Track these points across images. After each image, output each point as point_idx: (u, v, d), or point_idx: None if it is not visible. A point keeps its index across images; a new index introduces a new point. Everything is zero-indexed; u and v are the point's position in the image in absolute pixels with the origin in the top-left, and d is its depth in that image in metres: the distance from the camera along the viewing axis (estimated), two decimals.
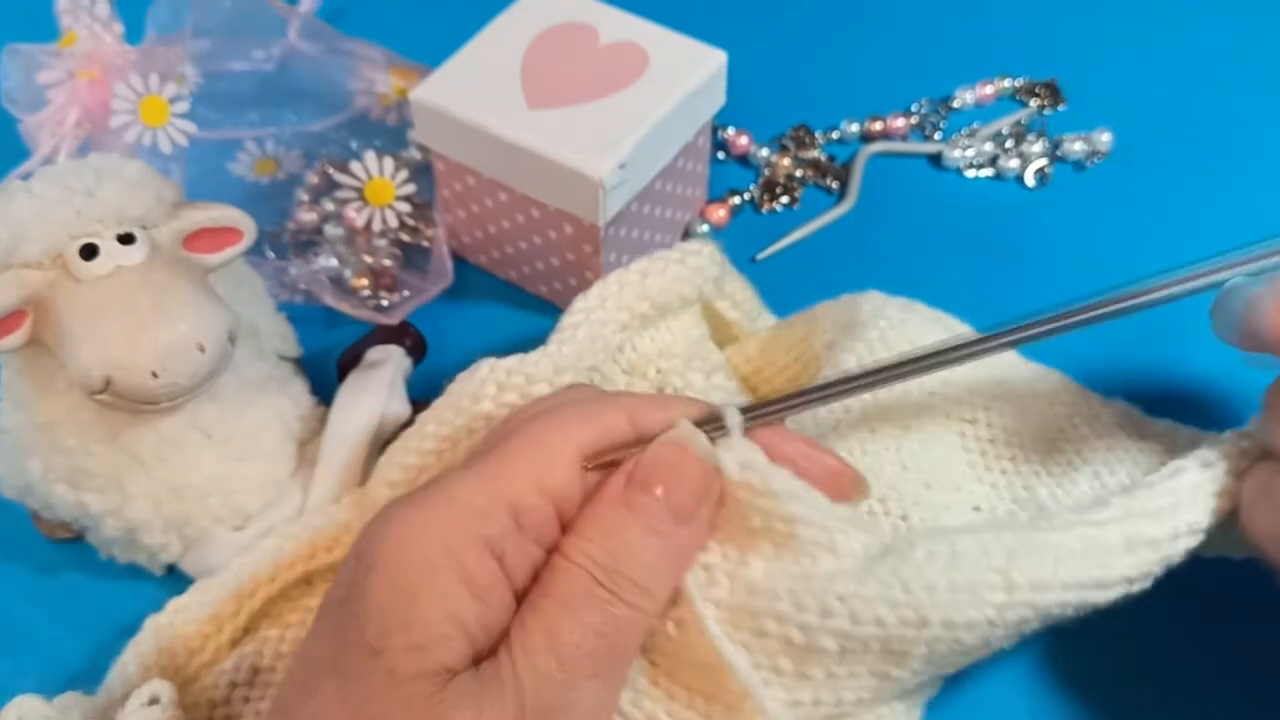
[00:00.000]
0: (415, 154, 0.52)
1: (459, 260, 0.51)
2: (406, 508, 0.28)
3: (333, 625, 0.27)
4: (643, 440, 0.30)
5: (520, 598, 0.28)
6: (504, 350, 0.38)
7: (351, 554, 0.28)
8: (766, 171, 0.55)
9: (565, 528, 0.29)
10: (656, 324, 0.40)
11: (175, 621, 0.37)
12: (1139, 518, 0.31)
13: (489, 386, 0.36)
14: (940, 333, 0.39)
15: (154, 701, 0.33)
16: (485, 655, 0.27)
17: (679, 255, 0.40)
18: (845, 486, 0.32)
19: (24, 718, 0.33)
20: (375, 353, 0.45)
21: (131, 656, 0.36)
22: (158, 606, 0.38)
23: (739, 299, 0.43)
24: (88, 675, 0.37)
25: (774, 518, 0.30)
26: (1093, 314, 0.31)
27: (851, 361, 0.37)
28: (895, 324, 0.39)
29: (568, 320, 0.38)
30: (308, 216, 0.51)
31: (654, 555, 0.29)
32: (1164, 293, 0.31)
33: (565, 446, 0.29)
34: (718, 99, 0.48)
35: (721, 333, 0.43)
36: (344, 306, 0.48)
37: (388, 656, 0.26)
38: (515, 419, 0.32)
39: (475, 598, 0.27)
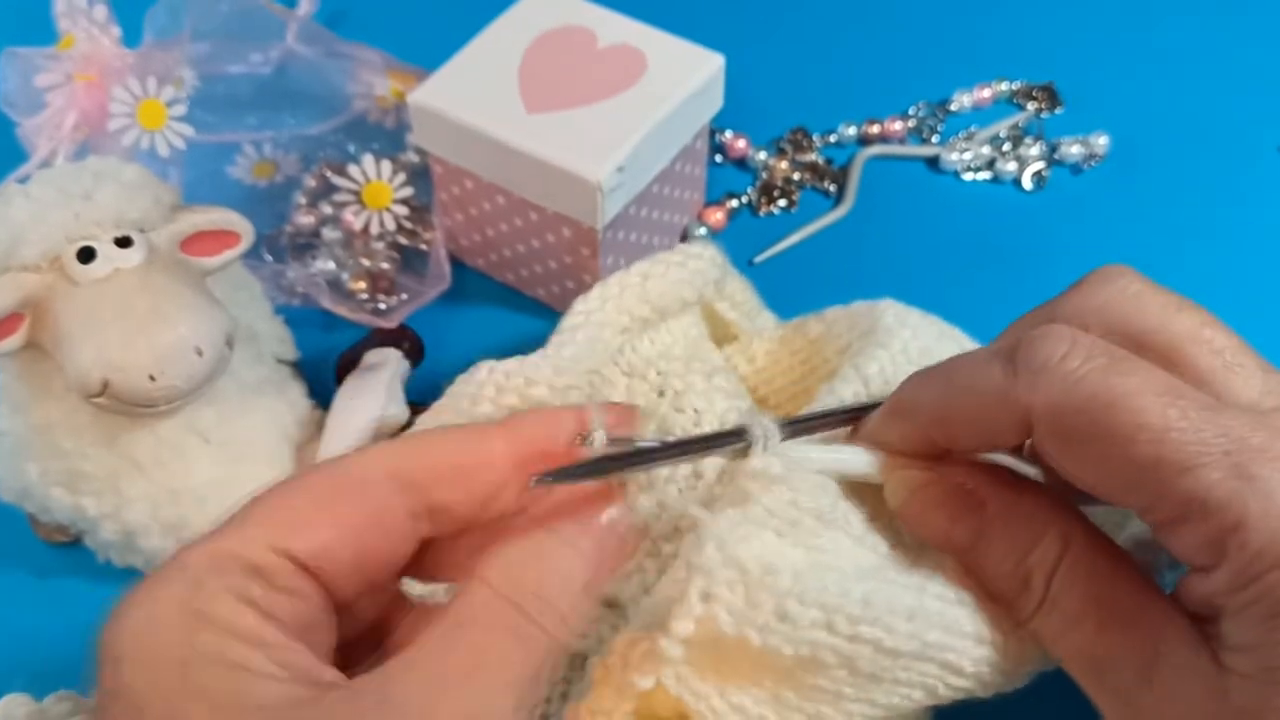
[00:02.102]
0: (413, 157, 0.53)
1: (457, 263, 0.51)
2: (135, 590, 0.26)
3: None
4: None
5: (297, 632, 0.26)
6: (502, 353, 0.38)
7: (98, 658, 0.26)
8: (764, 174, 0.55)
9: (333, 583, 0.27)
10: (656, 326, 0.40)
11: None
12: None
13: (488, 389, 0.36)
14: (952, 348, 0.39)
15: None
16: (312, 682, 0.25)
17: (680, 258, 0.40)
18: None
19: (11, 715, 0.33)
20: (373, 355, 0.45)
21: None
22: None
23: (739, 299, 0.43)
24: (85, 678, 0.37)
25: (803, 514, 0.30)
26: None
27: (874, 369, 0.37)
28: (919, 334, 0.39)
29: (567, 323, 0.38)
30: (305, 219, 0.51)
31: (578, 582, 0.27)
32: None
33: (312, 507, 0.27)
34: (715, 102, 0.48)
35: (720, 331, 0.43)
36: (342, 309, 0.48)
37: None
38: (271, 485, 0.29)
39: (252, 644, 0.25)
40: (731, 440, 0.31)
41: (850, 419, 0.33)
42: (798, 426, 0.32)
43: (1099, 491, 0.27)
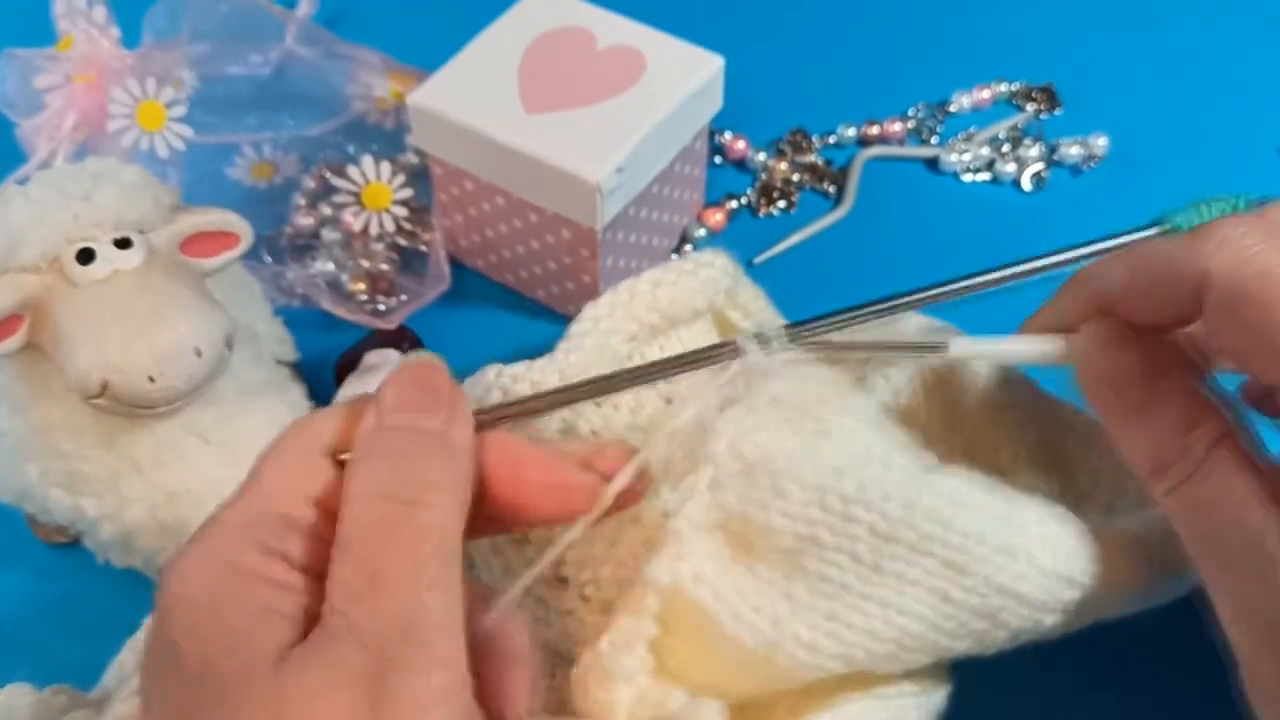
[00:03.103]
0: (412, 158, 0.53)
1: (456, 264, 0.51)
2: (178, 550, 0.28)
3: (153, 687, 0.27)
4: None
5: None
6: (502, 354, 0.38)
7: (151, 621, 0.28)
8: (763, 176, 0.55)
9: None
10: (666, 334, 0.40)
11: None
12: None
13: (494, 393, 0.36)
14: None
15: None
16: None
17: (691, 266, 0.40)
18: (577, 501, 0.30)
19: (12, 705, 0.33)
20: (373, 357, 0.45)
21: (128, 656, 0.36)
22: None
23: (751, 308, 0.43)
24: (84, 679, 0.37)
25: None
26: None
27: (904, 379, 0.37)
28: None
29: (576, 328, 0.38)
30: (305, 221, 0.51)
31: (435, 465, 0.28)
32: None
33: (310, 450, 0.29)
34: (715, 103, 0.48)
35: None
36: (341, 311, 0.48)
37: (216, 664, 0.25)
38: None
39: (279, 589, 0.26)
40: (723, 352, 0.32)
41: (846, 322, 0.34)
42: (801, 331, 0.33)
43: (1255, 363, 0.29)
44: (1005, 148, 0.56)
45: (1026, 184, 0.55)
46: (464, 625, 0.27)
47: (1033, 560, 0.31)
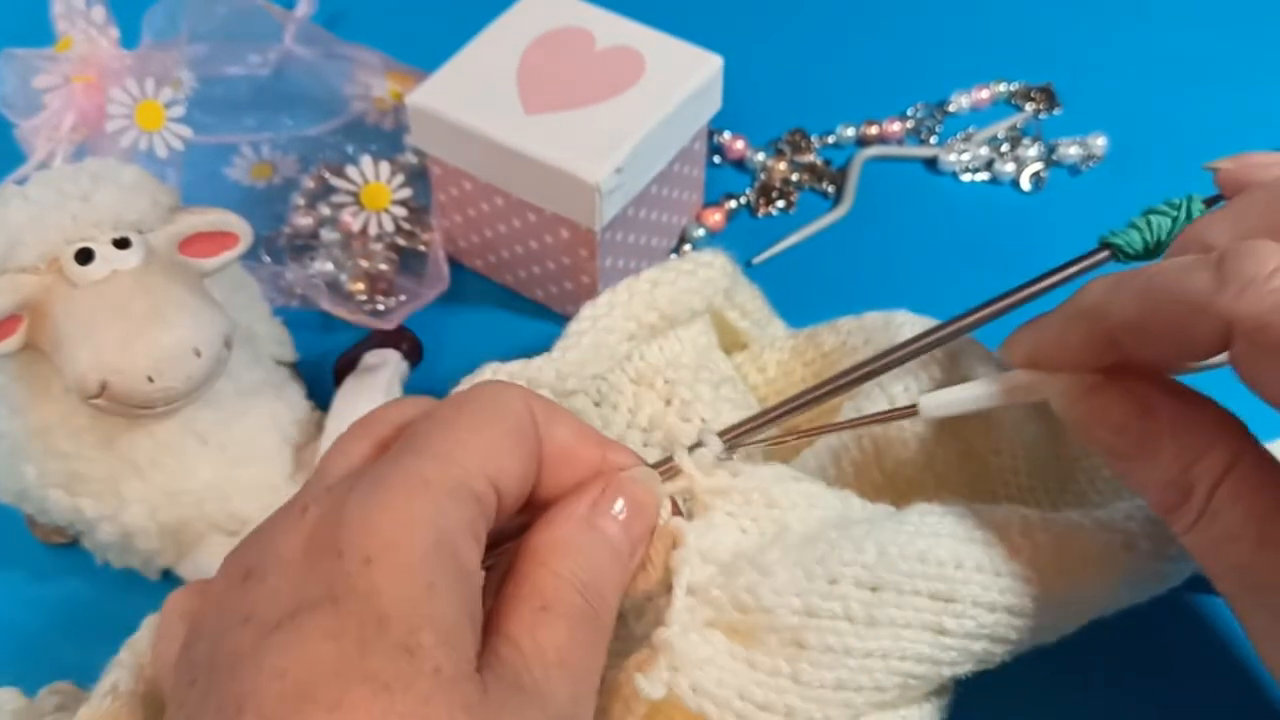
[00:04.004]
0: (411, 158, 0.53)
1: (455, 264, 0.51)
2: (382, 492, 0.26)
3: (328, 631, 0.25)
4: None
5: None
6: (501, 354, 0.38)
7: (322, 547, 0.26)
8: (762, 176, 0.55)
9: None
10: (665, 334, 0.40)
11: None
12: None
13: None
14: None
15: (114, 690, 0.33)
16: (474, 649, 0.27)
17: (690, 266, 0.40)
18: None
19: (1, 706, 0.33)
20: (372, 357, 0.45)
21: (128, 655, 0.36)
22: (153, 611, 0.37)
23: (749, 308, 0.43)
24: (83, 680, 0.37)
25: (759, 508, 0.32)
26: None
27: (899, 389, 0.37)
28: (937, 353, 0.38)
29: (574, 327, 0.38)
30: (304, 221, 0.51)
31: (615, 581, 0.30)
32: None
33: (517, 440, 0.29)
34: (714, 103, 0.48)
35: (729, 339, 0.43)
36: (340, 311, 0.48)
37: (425, 655, 0.24)
38: (449, 407, 0.30)
39: (470, 585, 0.26)
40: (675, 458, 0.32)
41: (780, 415, 0.34)
42: (737, 432, 0.33)
43: None
44: (1004, 148, 0.56)
45: (1025, 184, 0.55)
46: None
47: (1012, 571, 0.31)
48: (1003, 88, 0.58)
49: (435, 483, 0.27)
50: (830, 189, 0.55)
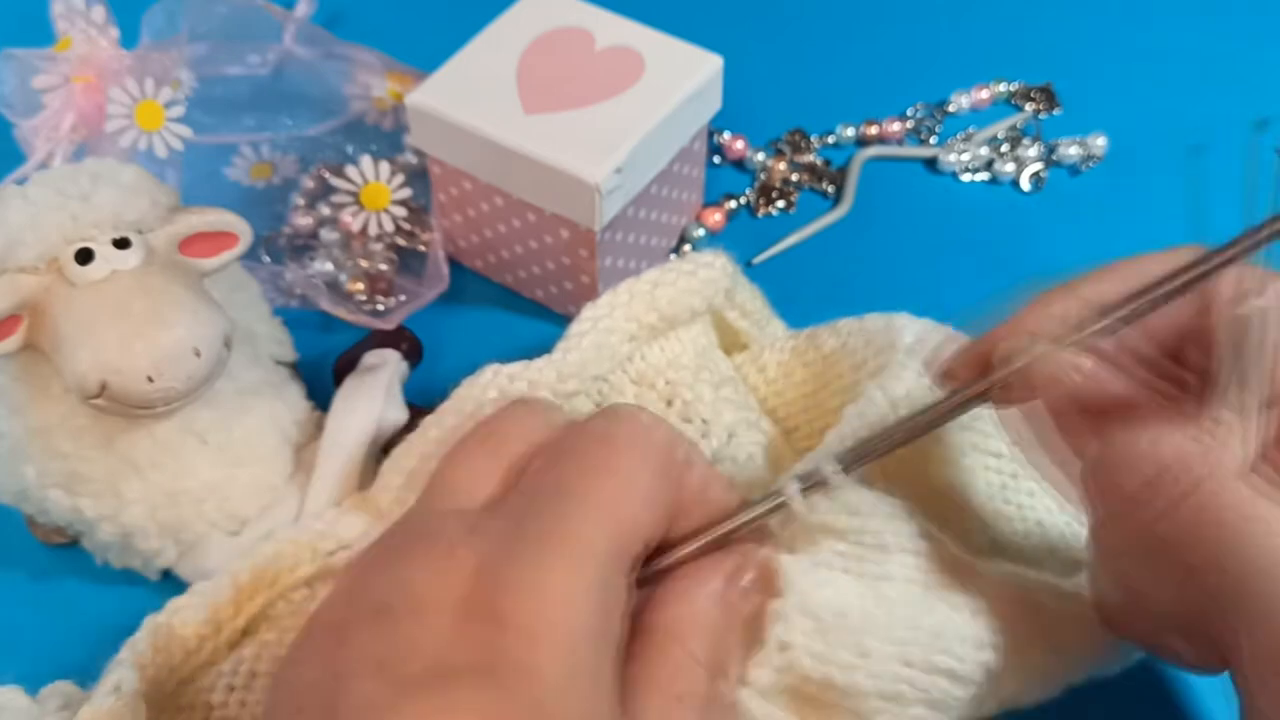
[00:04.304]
0: (411, 158, 0.52)
1: (455, 265, 0.51)
2: (546, 556, 0.25)
3: (482, 705, 0.23)
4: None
5: None
6: (500, 354, 0.38)
7: (479, 608, 0.24)
8: (762, 176, 0.55)
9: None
10: (666, 335, 0.40)
11: (173, 622, 0.37)
12: None
13: (491, 392, 0.36)
14: None
15: (117, 689, 0.33)
16: None
17: (690, 266, 0.40)
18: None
19: (2, 706, 0.33)
20: (371, 357, 0.45)
21: (128, 655, 0.36)
22: (153, 612, 0.37)
23: (749, 308, 0.43)
24: (83, 681, 0.37)
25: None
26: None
27: (901, 391, 0.36)
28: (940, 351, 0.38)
29: (575, 328, 0.38)
30: (303, 221, 0.51)
31: (738, 654, 0.28)
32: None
33: (665, 485, 0.28)
34: (714, 103, 0.48)
35: (729, 340, 0.43)
36: (340, 311, 0.48)
37: None
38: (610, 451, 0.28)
39: (618, 660, 0.25)
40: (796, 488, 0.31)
41: (904, 439, 0.32)
42: (856, 456, 0.31)
43: None
44: (1004, 148, 0.56)
45: (1025, 184, 0.55)
46: None
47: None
48: (1003, 88, 0.58)
49: (602, 551, 0.25)
50: (830, 189, 0.55)
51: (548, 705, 0.23)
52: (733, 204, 0.54)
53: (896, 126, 0.57)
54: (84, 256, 0.36)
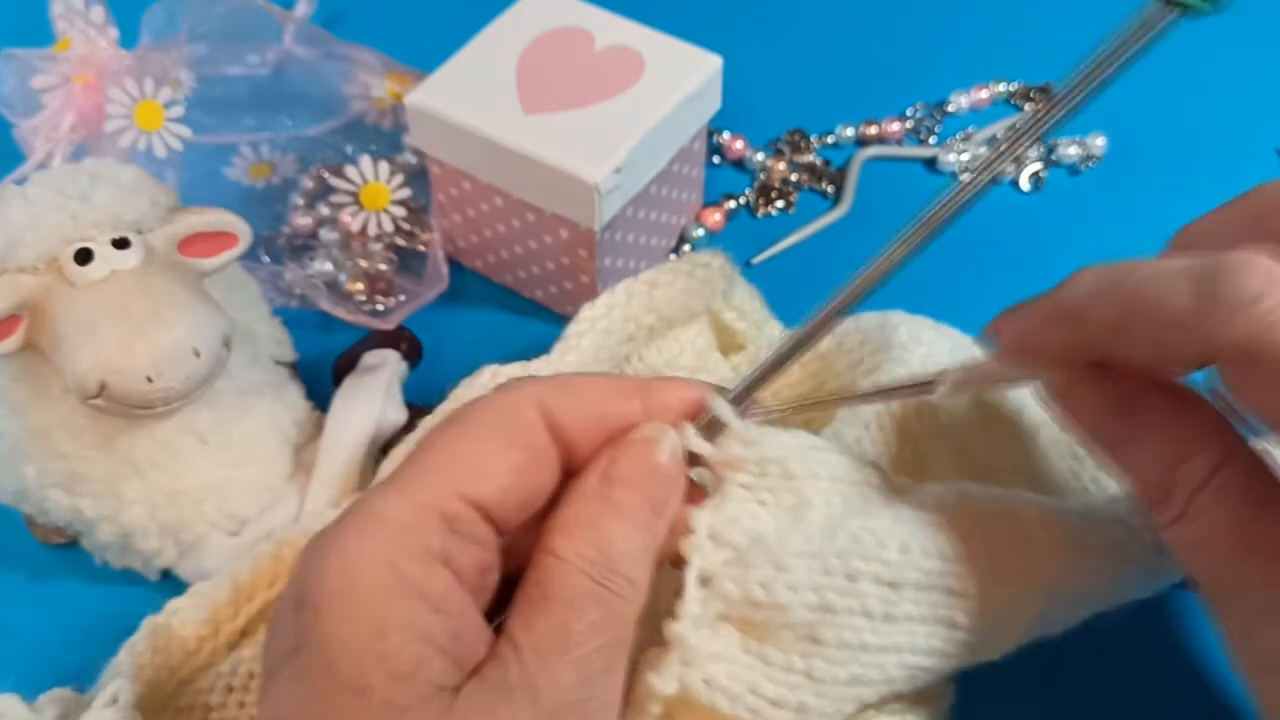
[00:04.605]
0: (411, 158, 0.52)
1: (454, 264, 0.51)
2: (335, 536, 0.27)
3: (293, 678, 0.26)
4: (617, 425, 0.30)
5: (475, 597, 0.28)
6: (500, 354, 0.38)
7: (288, 599, 0.27)
8: (762, 176, 0.55)
9: (502, 525, 0.29)
10: (664, 335, 0.40)
11: (172, 623, 0.37)
12: None
13: None
14: (965, 362, 0.38)
15: (114, 701, 0.33)
16: (470, 662, 0.27)
17: (688, 267, 0.40)
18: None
19: (2, 714, 0.33)
20: (371, 357, 0.45)
21: (126, 656, 0.36)
22: (153, 612, 0.37)
23: (746, 309, 0.43)
24: (82, 680, 0.37)
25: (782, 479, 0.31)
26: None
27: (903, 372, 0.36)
28: (934, 350, 0.38)
29: (573, 329, 0.38)
30: (303, 221, 0.51)
31: (637, 548, 0.29)
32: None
33: (506, 441, 0.29)
34: (713, 103, 0.48)
35: (726, 341, 0.43)
36: (339, 311, 0.48)
37: (376, 692, 0.25)
38: (437, 428, 0.30)
39: (436, 611, 0.26)
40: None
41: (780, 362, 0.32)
42: (744, 388, 0.31)
43: None
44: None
45: (1025, 184, 0.55)
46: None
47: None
48: (1002, 88, 0.58)
49: (392, 517, 0.27)
50: (829, 189, 0.55)
51: (341, 665, 0.25)
52: (732, 204, 0.54)
53: (896, 126, 0.57)
54: (84, 256, 0.36)
